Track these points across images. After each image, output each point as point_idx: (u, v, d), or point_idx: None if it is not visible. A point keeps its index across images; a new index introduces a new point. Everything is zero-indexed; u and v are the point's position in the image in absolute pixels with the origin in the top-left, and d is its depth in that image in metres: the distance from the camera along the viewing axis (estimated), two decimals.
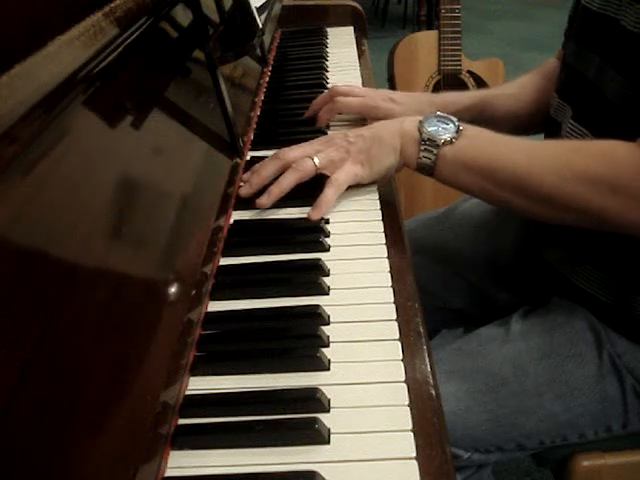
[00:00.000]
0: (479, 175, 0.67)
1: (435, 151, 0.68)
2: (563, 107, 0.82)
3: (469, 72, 1.81)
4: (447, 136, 0.67)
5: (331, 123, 0.93)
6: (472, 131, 0.69)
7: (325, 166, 0.71)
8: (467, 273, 0.95)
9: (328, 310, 0.57)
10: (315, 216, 0.69)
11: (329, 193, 0.70)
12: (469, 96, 0.94)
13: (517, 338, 0.77)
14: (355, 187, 0.74)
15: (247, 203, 0.74)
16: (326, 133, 0.89)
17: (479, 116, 0.92)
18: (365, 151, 0.70)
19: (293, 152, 0.72)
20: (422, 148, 0.68)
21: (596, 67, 0.73)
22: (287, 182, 0.71)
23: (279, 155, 0.73)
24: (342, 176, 0.70)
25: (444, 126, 0.68)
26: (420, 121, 0.70)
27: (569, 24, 0.89)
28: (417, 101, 0.90)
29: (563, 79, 0.83)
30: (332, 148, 0.71)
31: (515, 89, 0.96)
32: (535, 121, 0.93)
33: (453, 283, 0.96)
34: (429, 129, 0.68)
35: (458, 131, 0.68)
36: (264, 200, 0.72)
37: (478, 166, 0.67)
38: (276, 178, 0.73)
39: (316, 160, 0.70)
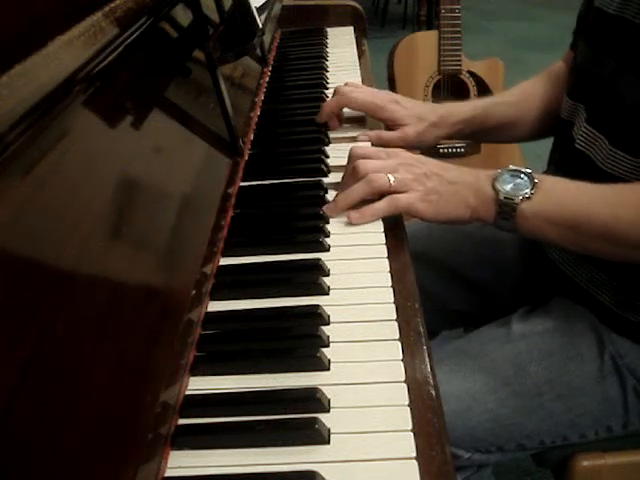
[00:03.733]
0: (563, 228, 0.66)
1: (513, 209, 0.66)
2: (575, 108, 0.81)
3: (469, 72, 1.81)
4: (523, 192, 0.65)
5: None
6: (548, 183, 0.67)
7: (397, 188, 0.68)
8: (469, 274, 0.95)
9: (328, 310, 0.57)
10: (356, 220, 0.68)
11: (382, 206, 0.68)
12: (471, 107, 0.93)
13: (518, 338, 0.77)
14: None
15: (247, 203, 0.74)
16: (327, 135, 0.90)
17: (481, 127, 0.92)
18: (437, 193, 0.68)
19: (372, 165, 0.69)
20: (500, 207, 0.66)
21: (612, 71, 0.72)
22: (357, 195, 0.69)
23: (357, 167, 0.69)
24: (404, 200, 0.67)
25: (519, 181, 0.66)
26: (494, 178, 0.67)
27: (578, 23, 0.89)
28: (420, 107, 0.90)
29: (575, 81, 0.83)
30: (410, 175, 0.68)
31: (517, 97, 0.95)
32: (540, 128, 0.93)
33: (455, 284, 0.96)
34: (505, 187, 0.66)
35: (534, 185, 0.66)
36: (330, 211, 0.70)
37: (561, 219, 0.66)
38: None
39: (391, 179, 0.67)
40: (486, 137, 1.02)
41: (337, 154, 0.84)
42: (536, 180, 0.66)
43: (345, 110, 0.93)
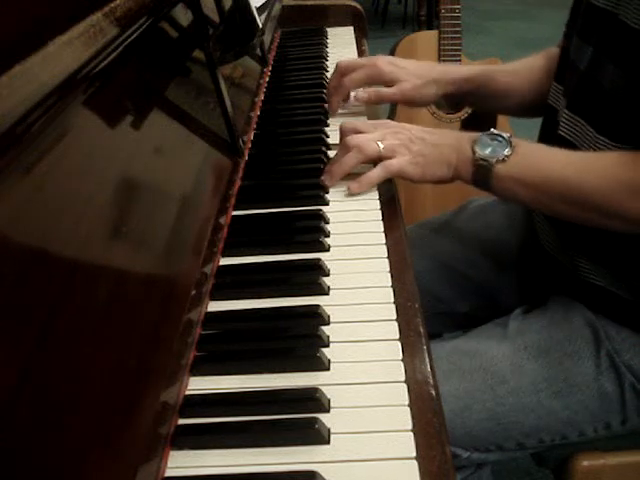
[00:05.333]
0: (533, 189, 0.70)
1: (489, 171, 0.70)
2: (558, 94, 0.83)
3: None
4: (500, 155, 0.69)
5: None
6: (524, 147, 0.71)
7: (386, 154, 0.73)
8: (473, 275, 0.95)
9: (328, 310, 0.57)
10: (355, 189, 0.73)
11: (377, 172, 0.72)
12: (470, 68, 0.97)
13: (515, 336, 0.77)
14: None
15: (247, 203, 0.74)
16: (326, 134, 0.90)
17: (479, 89, 0.93)
18: (423, 155, 0.72)
19: (360, 138, 0.74)
20: (476, 168, 0.71)
21: (589, 58, 0.74)
22: (350, 163, 0.74)
23: (346, 141, 0.74)
24: (395, 164, 0.72)
25: (497, 143, 0.70)
26: (474, 140, 0.72)
27: (571, 16, 0.89)
28: (419, 65, 0.93)
29: (562, 70, 0.84)
30: (396, 141, 0.73)
31: (518, 67, 0.97)
32: (537, 103, 0.94)
33: (460, 286, 0.96)
34: (482, 150, 0.70)
35: (511, 147, 0.70)
36: (327, 180, 0.75)
37: (532, 182, 0.70)
38: None
39: (380, 145, 0.72)
40: (483, 103, 1.02)
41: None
42: (513, 144, 0.70)
43: None
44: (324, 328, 0.54)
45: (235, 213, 0.72)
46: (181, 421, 0.47)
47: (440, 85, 0.92)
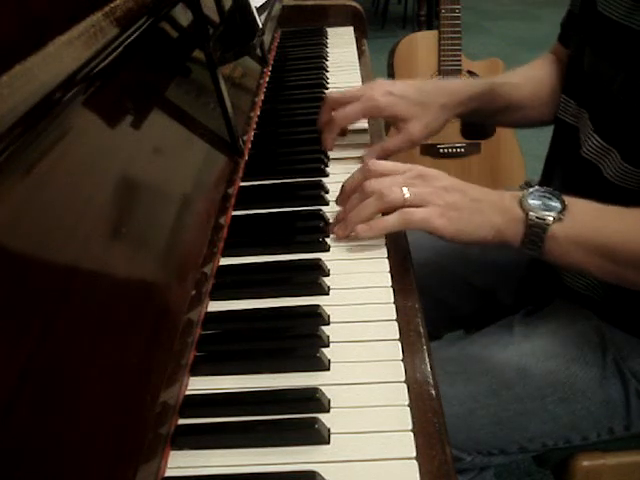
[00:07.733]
0: (595, 253, 0.61)
1: (544, 231, 0.60)
2: (580, 114, 0.80)
3: (469, 72, 1.81)
4: (554, 214, 0.60)
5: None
6: (579, 206, 0.62)
7: (413, 202, 0.61)
8: (474, 279, 0.95)
9: (328, 310, 0.57)
10: (363, 233, 0.63)
11: (393, 219, 0.62)
12: (476, 84, 0.90)
13: (520, 340, 0.77)
14: None
15: (247, 203, 0.74)
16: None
17: (484, 107, 0.88)
18: (458, 209, 0.61)
19: (383, 182, 0.63)
20: (529, 229, 0.61)
21: (621, 82, 0.71)
22: (368, 212, 0.63)
23: (365, 186, 0.64)
24: (419, 215, 0.61)
25: (548, 202, 0.62)
26: (521, 197, 0.62)
27: (568, 18, 0.88)
28: (421, 91, 0.82)
29: (573, 82, 0.82)
30: (427, 188, 0.62)
31: (520, 80, 0.93)
32: (542, 115, 0.92)
33: (460, 288, 0.96)
34: (534, 207, 0.61)
35: (564, 206, 0.61)
36: (340, 232, 0.65)
37: (594, 244, 0.61)
38: None
39: (406, 192, 0.61)
40: (490, 118, 0.96)
41: (337, 154, 0.84)
42: (566, 202, 0.62)
43: None
44: (324, 328, 0.54)
45: (235, 213, 0.72)
46: (181, 421, 0.47)
47: (448, 109, 0.83)
